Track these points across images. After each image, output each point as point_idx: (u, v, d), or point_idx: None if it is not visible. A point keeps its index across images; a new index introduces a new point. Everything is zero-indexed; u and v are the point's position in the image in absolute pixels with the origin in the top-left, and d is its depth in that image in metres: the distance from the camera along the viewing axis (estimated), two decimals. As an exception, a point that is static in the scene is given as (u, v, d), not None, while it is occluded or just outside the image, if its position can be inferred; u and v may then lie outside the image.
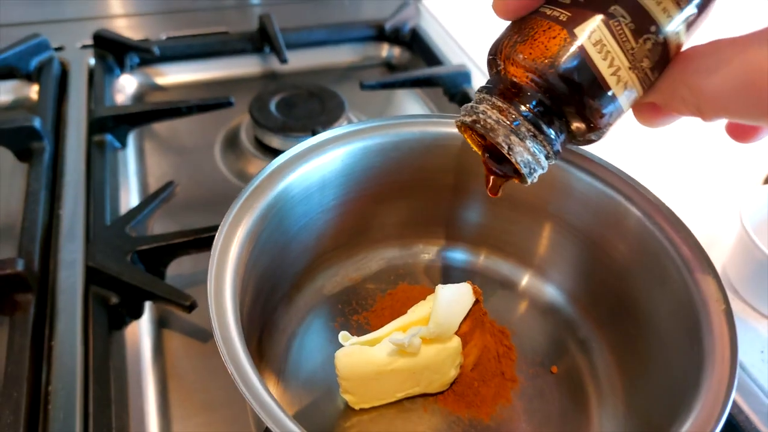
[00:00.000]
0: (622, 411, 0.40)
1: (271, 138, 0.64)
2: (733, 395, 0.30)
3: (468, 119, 0.32)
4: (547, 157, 0.31)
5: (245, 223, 0.35)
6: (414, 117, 0.45)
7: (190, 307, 0.45)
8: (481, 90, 0.32)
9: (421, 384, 0.40)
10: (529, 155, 0.31)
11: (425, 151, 0.45)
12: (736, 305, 0.53)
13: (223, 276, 0.32)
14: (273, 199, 0.38)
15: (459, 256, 0.50)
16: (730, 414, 0.42)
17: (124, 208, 0.57)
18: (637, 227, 0.39)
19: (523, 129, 0.30)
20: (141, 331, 0.48)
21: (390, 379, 0.39)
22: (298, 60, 0.79)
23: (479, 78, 0.75)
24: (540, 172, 0.32)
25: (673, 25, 0.28)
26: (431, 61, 0.78)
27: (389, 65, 0.84)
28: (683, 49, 0.29)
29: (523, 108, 0.30)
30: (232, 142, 0.67)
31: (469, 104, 0.32)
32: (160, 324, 0.49)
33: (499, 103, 0.30)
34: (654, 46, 0.28)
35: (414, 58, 0.83)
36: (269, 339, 0.42)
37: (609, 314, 0.43)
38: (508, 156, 0.31)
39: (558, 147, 0.31)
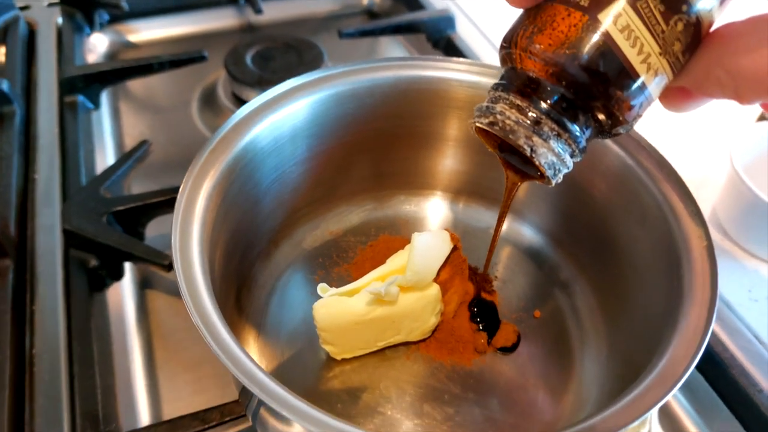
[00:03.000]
0: (604, 352, 0.40)
1: (249, 92, 0.62)
2: (711, 330, 0.29)
3: (484, 121, 0.29)
4: (572, 156, 0.29)
5: (211, 177, 0.34)
6: (388, 60, 0.43)
7: (169, 266, 0.45)
8: (496, 87, 0.29)
9: (402, 332, 0.40)
10: (554, 156, 0.28)
11: (401, 96, 0.43)
12: (725, 245, 0.53)
13: (189, 232, 0.31)
14: (240, 152, 0.36)
15: (439, 204, 0.50)
16: (715, 352, 0.42)
17: (100, 170, 0.56)
18: (617, 165, 0.38)
19: (545, 128, 0.27)
20: (123, 292, 0.48)
21: (370, 328, 0.38)
22: (274, 10, 0.76)
23: (464, 22, 0.72)
24: (565, 171, 0.30)
25: (706, 2, 0.25)
26: (413, 5, 0.76)
27: (370, 13, 0.81)
28: (714, 27, 0.26)
29: (543, 105, 0.27)
30: (209, 99, 0.65)
31: (484, 104, 0.29)
32: (143, 284, 0.48)
33: (518, 101, 0.28)
34: (686, 27, 0.25)
35: (396, 4, 0.80)
36: (248, 295, 0.42)
37: (590, 255, 0.42)
38: (531, 159, 0.28)
39: (584, 143, 0.29)
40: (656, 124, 0.45)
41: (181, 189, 0.33)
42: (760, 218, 0.49)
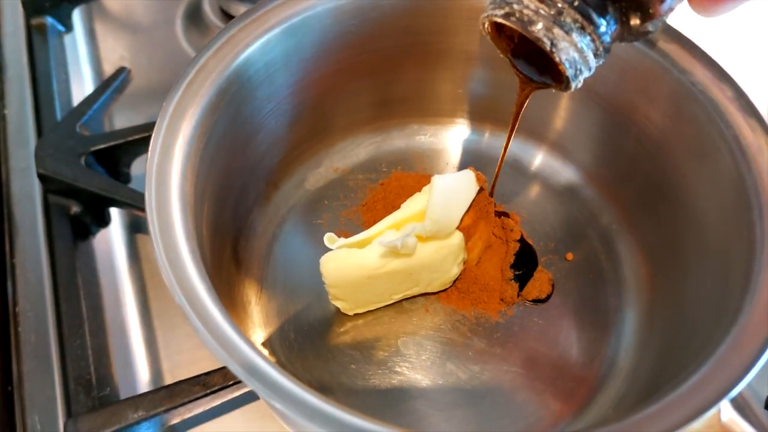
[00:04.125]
0: (646, 303, 0.35)
1: (238, 7, 0.56)
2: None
3: (499, 13, 0.26)
4: (595, 55, 0.27)
5: (190, 117, 0.29)
6: (396, -34, 0.36)
7: (156, 212, 0.40)
8: None
9: (420, 284, 0.36)
10: (576, 52, 0.26)
11: (412, 8, 0.37)
12: None
13: (167, 188, 0.27)
14: (225, 83, 0.31)
15: (460, 134, 0.44)
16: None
17: (77, 103, 0.51)
18: (674, 88, 0.32)
19: (568, 19, 0.25)
20: (111, 239, 0.44)
21: (384, 282, 0.34)
22: None
23: None
24: (586, 74, 0.27)
25: None
26: None
27: None
28: None
29: None
30: (194, 16, 0.58)
31: None
32: (133, 229, 0.45)
33: None
34: None
35: None
36: (246, 246, 0.37)
37: (637, 197, 0.37)
38: (550, 55, 0.26)
39: (609, 40, 0.27)
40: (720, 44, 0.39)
41: (153, 136, 0.27)
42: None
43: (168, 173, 0.27)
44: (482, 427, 0.33)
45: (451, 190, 0.33)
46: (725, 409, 0.23)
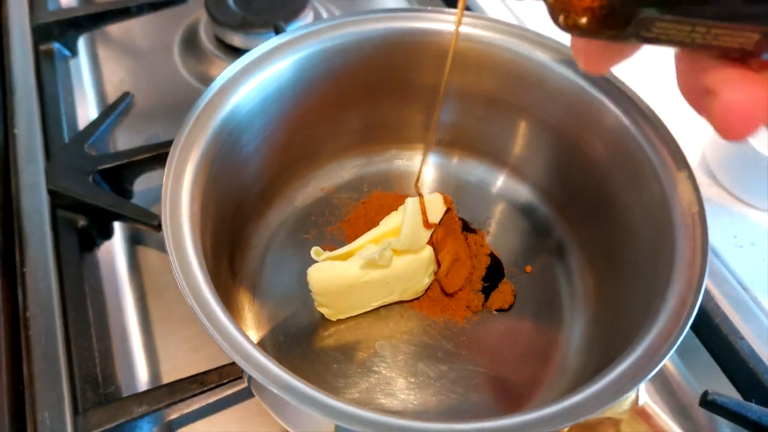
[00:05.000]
0: (592, 310, 0.40)
1: (232, 36, 0.59)
2: (699, 304, 0.29)
3: None
4: None
5: (197, 147, 0.33)
6: (377, 12, 0.41)
7: (158, 227, 0.44)
8: None
9: (395, 292, 0.40)
10: None
11: (391, 49, 0.42)
12: (712, 190, 0.53)
13: (178, 209, 0.31)
14: (227, 116, 0.35)
15: (432, 159, 0.49)
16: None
17: (82, 122, 0.55)
18: (613, 125, 0.38)
19: None
20: (114, 250, 0.47)
21: (364, 290, 0.39)
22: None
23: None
24: None
25: None
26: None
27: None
28: None
29: None
30: (190, 42, 0.62)
31: None
32: (134, 241, 0.48)
33: None
34: None
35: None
36: (242, 258, 0.41)
37: (584, 214, 0.42)
38: None
39: None
40: (651, 62, 0.44)
41: (167, 165, 0.32)
42: (749, 163, 0.49)
43: (179, 196, 0.31)
44: (447, 419, 0.37)
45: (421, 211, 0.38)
46: (642, 395, 0.27)
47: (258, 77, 0.37)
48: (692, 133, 0.55)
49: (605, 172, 0.39)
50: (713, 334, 0.42)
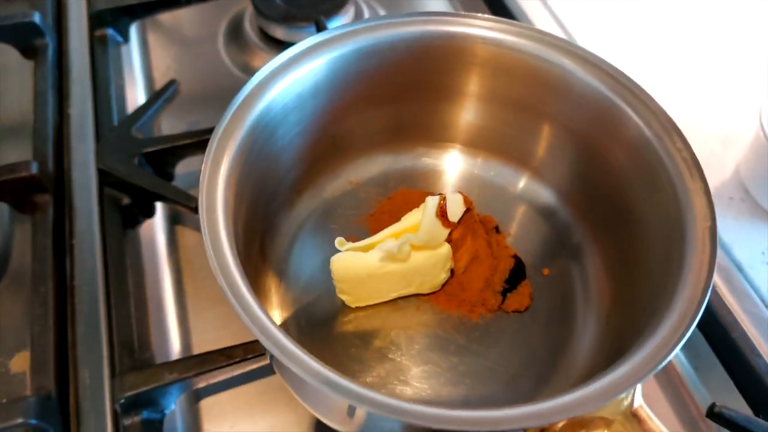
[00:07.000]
0: (605, 314, 0.41)
1: (275, 28, 0.61)
2: (701, 315, 0.30)
3: None
4: None
5: (234, 139, 0.36)
6: (411, 15, 0.42)
7: (196, 209, 0.47)
8: None
9: (413, 285, 0.42)
10: None
11: (423, 51, 0.43)
12: (744, 205, 0.53)
13: (214, 198, 0.33)
14: (263, 110, 0.37)
15: (458, 159, 0.50)
16: (719, 314, 0.42)
17: (131, 105, 0.58)
18: (635, 135, 0.38)
19: None
20: (155, 228, 0.50)
21: (383, 281, 0.41)
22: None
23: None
24: None
25: None
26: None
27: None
28: None
29: None
30: (235, 33, 0.65)
31: None
32: (173, 221, 0.51)
33: None
34: None
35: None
36: (271, 243, 0.44)
37: (602, 219, 0.43)
38: None
39: None
40: (687, 75, 0.44)
41: (206, 153, 0.34)
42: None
43: (215, 182, 0.34)
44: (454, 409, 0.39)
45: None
46: (637, 398, 0.29)
47: (294, 74, 0.39)
48: (728, 144, 0.55)
49: (625, 180, 0.40)
50: (730, 349, 0.42)
